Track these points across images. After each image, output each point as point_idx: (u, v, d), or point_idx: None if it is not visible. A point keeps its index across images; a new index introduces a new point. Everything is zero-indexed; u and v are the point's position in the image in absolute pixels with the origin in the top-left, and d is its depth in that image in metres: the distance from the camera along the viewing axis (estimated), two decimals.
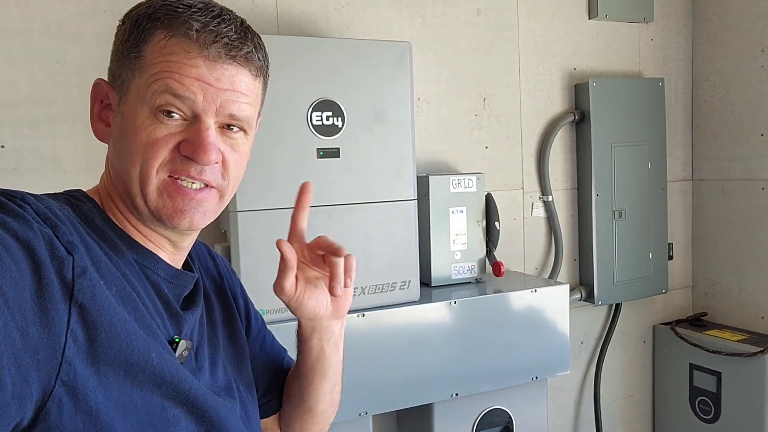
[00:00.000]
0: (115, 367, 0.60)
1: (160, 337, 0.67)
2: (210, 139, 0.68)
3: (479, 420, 1.88)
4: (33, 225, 0.58)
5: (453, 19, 2.07)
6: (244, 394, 0.85)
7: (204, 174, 0.70)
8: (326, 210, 1.60)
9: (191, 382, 0.69)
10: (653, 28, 2.44)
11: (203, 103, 0.67)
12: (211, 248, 0.95)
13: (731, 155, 2.43)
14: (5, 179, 1.54)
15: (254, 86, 0.72)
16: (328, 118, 1.58)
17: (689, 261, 2.60)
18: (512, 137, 2.20)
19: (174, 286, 0.75)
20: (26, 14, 1.55)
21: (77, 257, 0.59)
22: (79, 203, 0.70)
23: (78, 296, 0.58)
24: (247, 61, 0.70)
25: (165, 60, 0.67)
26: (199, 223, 0.72)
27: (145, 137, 0.67)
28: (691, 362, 2.38)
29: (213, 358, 0.80)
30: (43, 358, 0.55)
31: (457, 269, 1.94)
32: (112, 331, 0.60)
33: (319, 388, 0.94)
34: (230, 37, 0.68)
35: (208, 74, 0.67)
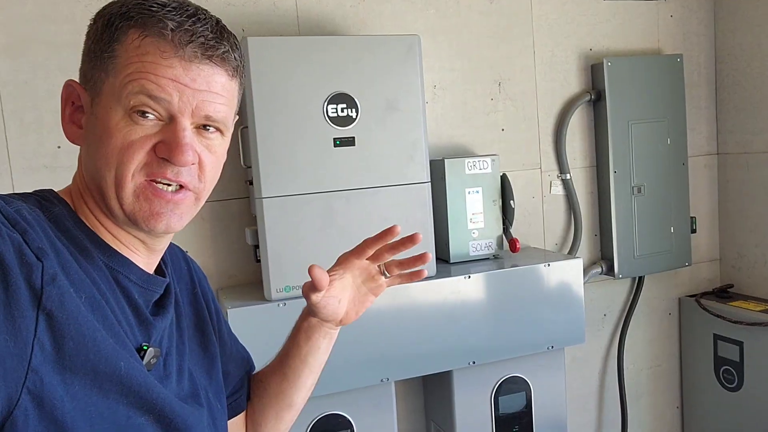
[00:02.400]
0: (82, 375, 0.60)
1: (128, 345, 0.66)
2: (186, 140, 0.67)
3: (497, 386, 2.00)
4: (2, 230, 0.57)
5: (466, 9, 2.17)
6: (213, 401, 0.84)
7: (180, 176, 0.69)
8: (344, 194, 1.75)
9: (159, 390, 0.68)
10: (672, 4, 2.47)
11: (179, 104, 0.66)
12: (186, 252, 0.96)
13: (754, 128, 2.44)
14: (62, 176, 1.75)
15: (230, 86, 0.71)
16: (343, 109, 1.72)
17: (716, 234, 2.63)
18: (528, 119, 2.29)
19: (144, 290, 0.74)
20: (74, 29, 1.75)
21: (47, 264, 0.58)
22: (50, 205, 0.69)
23: (46, 304, 0.57)
24: (223, 61, 0.69)
25: (139, 60, 0.65)
26: (176, 225, 0.71)
27: (120, 139, 0.66)
28: (715, 333, 2.42)
29: (180, 366, 0.79)
30: (10, 367, 0.54)
31: (474, 246, 2.05)
32: (80, 339, 0.59)
33: (304, 383, 0.98)
34: (206, 36, 0.67)
35: (184, 74, 0.66)
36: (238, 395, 0.98)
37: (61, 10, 1.74)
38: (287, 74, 1.66)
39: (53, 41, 1.73)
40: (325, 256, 1.02)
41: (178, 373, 0.78)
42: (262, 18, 1.92)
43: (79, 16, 1.75)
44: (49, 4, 1.73)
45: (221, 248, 1.92)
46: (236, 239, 1.93)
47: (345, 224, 1.75)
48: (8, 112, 1.71)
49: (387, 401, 1.90)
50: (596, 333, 2.46)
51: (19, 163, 1.73)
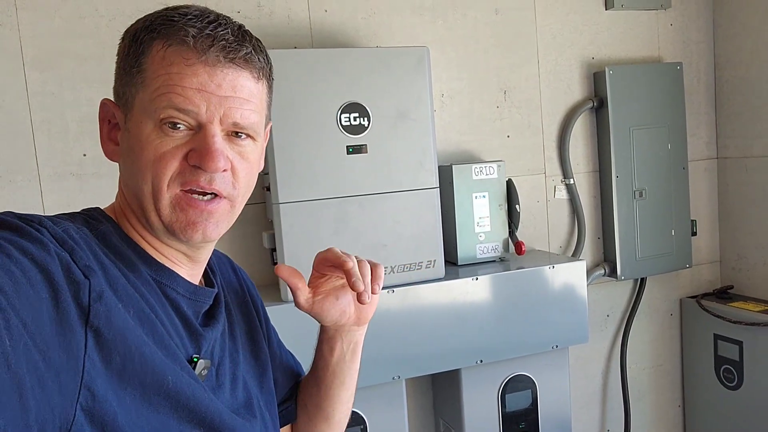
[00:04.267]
0: (132, 390, 0.61)
1: (178, 357, 0.67)
2: (216, 145, 0.67)
3: (504, 384, 2.08)
4: (50, 249, 0.58)
5: (473, 20, 2.24)
6: (264, 410, 0.84)
7: (214, 183, 0.69)
8: (357, 200, 1.82)
9: (209, 403, 0.68)
10: (672, 13, 2.54)
11: (206, 114, 0.67)
12: (233, 261, 0.96)
13: (753, 133, 2.51)
14: (89, 182, 1.84)
15: (257, 91, 0.71)
16: (356, 118, 1.80)
17: (716, 237, 2.70)
18: (533, 126, 2.36)
19: (193, 302, 0.74)
20: (98, 42, 1.84)
21: (93, 282, 0.59)
22: (96, 223, 0.70)
23: (93, 321, 0.58)
24: (246, 63, 0.69)
25: (166, 72, 0.66)
26: (212, 234, 0.71)
27: (152, 151, 0.67)
28: (716, 333, 2.49)
29: (234, 374, 0.79)
30: (65, 382, 0.55)
31: (481, 249, 2.13)
32: (128, 355, 0.60)
33: (338, 395, 0.95)
34: (227, 39, 0.67)
35: (209, 81, 0.66)
36: (288, 404, 0.98)
37: (86, 25, 1.82)
38: (302, 85, 1.74)
39: (79, 54, 1.82)
40: None
41: (232, 383, 0.78)
42: (278, 31, 2.00)
43: (103, 30, 1.84)
44: (75, 19, 1.81)
45: (239, 251, 2.00)
46: (253, 243, 2.01)
47: (358, 228, 1.82)
48: (37, 121, 1.80)
49: (398, 398, 1.98)
50: (599, 333, 2.53)
51: (47, 170, 1.82)
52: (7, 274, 0.52)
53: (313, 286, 0.87)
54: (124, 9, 1.85)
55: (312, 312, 0.86)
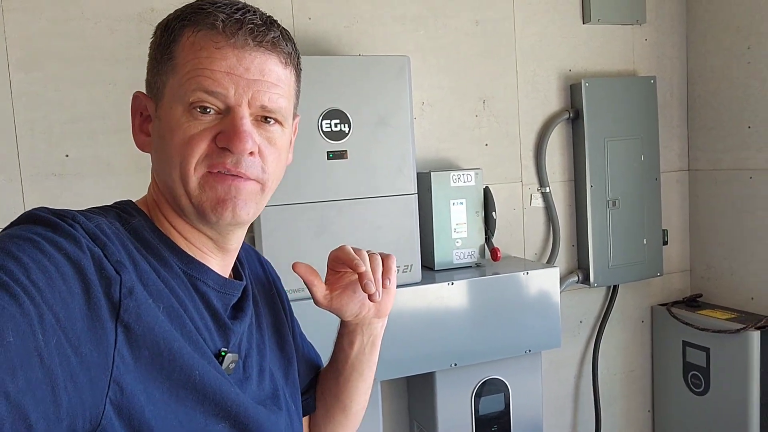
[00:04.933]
0: (160, 383, 0.62)
1: (206, 352, 0.68)
2: (244, 127, 0.68)
3: (478, 388, 2.12)
4: (83, 244, 0.59)
5: (453, 30, 2.30)
6: (290, 402, 0.85)
7: (240, 166, 0.69)
8: (337, 204, 1.86)
9: (234, 397, 0.69)
10: (647, 29, 2.62)
11: (235, 96, 0.68)
12: (260, 254, 0.97)
13: (722, 146, 2.59)
14: (71, 183, 1.86)
15: (285, 76, 0.72)
16: (336, 125, 1.84)
17: (687, 246, 2.78)
18: (511, 135, 2.42)
19: (222, 295, 0.75)
20: (84, 45, 1.86)
21: (125, 277, 0.60)
22: (129, 217, 0.71)
23: (124, 316, 0.59)
24: (274, 47, 0.70)
25: (195, 57, 0.68)
26: (241, 212, 0.70)
27: (181, 135, 0.68)
28: (684, 339, 2.56)
29: (261, 366, 0.80)
30: (95, 377, 0.56)
31: (458, 255, 2.17)
32: (156, 350, 0.61)
33: (356, 387, 0.95)
34: (255, 23, 0.68)
35: (238, 64, 0.67)
36: (308, 395, 0.99)
37: (72, 27, 1.84)
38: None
39: (64, 56, 1.84)
40: (319, 262, 1.05)
41: (259, 375, 0.79)
42: None
43: (89, 33, 1.86)
44: (62, 21, 1.83)
45: None
46: None
47: (338, 232, 1.86)
48: (20, 122, 1.81)
49: (373, 401, 2.00)
50: (572, 339, 2.59)
51: (29, 170, 1.83)
52: (41, 269, 0.54)
53: (329, 283, 0.87)
54: (110, 12, 1.87)
55: (331, 308, 0.87)
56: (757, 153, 2.45)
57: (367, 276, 0.80)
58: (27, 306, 0.51)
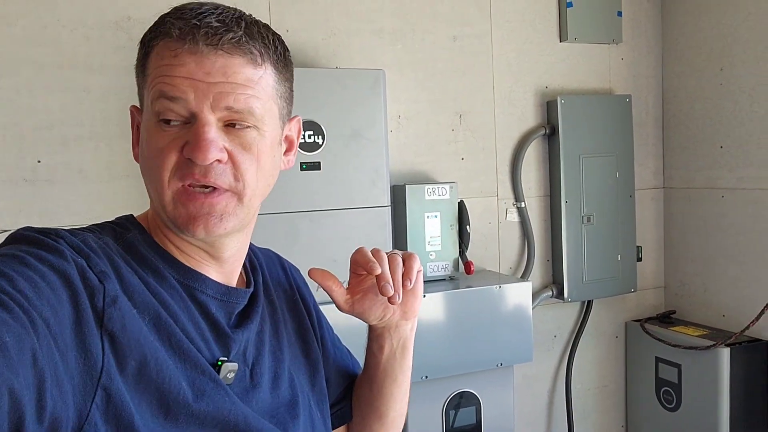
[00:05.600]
0: (147, 396, 0.61)
1: (199, 363, 0.66)
2: (206, 135, 0.65)
3: (449, 400, 2.12)
4: (67, 256, 0.60)
5: (431, 45, 2.32)
6: (314, 409, 0.83)
7: (209, 176, 0.67)
8: (308, 215, 1.87)
9: (231, 407, 0.68)
10: (623, 48, 2.66)
11: (195, 101, 0.66)
12: (284, 259, 0.94)
13: (696, 165, 2.63)
14: (42, 189, 1.85)
15: (257, 77, 0.68)
16: (310, 136, 1.85)
17: (661, 263, 2.81)
18: (487, 149, 2.44)
19: (224, 303, 0.74)
20: (58, 51, 1.86)
21: (108, 286, 0.60)
22: (124, 231, 0.71)
23: (108, 325, 0.59)
24: (236, 48, 0.66)
25: (158, 66, 0.67)
26: (216, 229, 0.69)
27: (153, 147, 0.68)
28: (657, 355, 2.58)
29: (275, 372, 0.79)
30: (79, 384, 0.56)
31: (432, 267, 2.18)
32: (142, 360, 0.61)
33: (390, 393, 0.92)
34: (212, 26, 0.65)
35: (197, 70, 0.65)
36: (342, 404, 0.96)
37: (48, 33, 1.84)
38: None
39: (38, 62, 1.84)
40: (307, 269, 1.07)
41: (273, 382, 0.78)
42: None
43: (65, 40, 1.86)
44: (37, 27, 1.83)
45: None
46: None
47: (309, 243, 1.86)
48: None
49: None
50: (546, 353, 2.60)
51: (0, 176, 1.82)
52: (27, 280, 0.54)
53: (350, 287, 0.85)
54: (86, 20, 1.87)
55: (354, 312, 0.85)
56: (729, 173, 2.48)
57: (384, 278, 0.77)
58: (17, 312, 0.51)
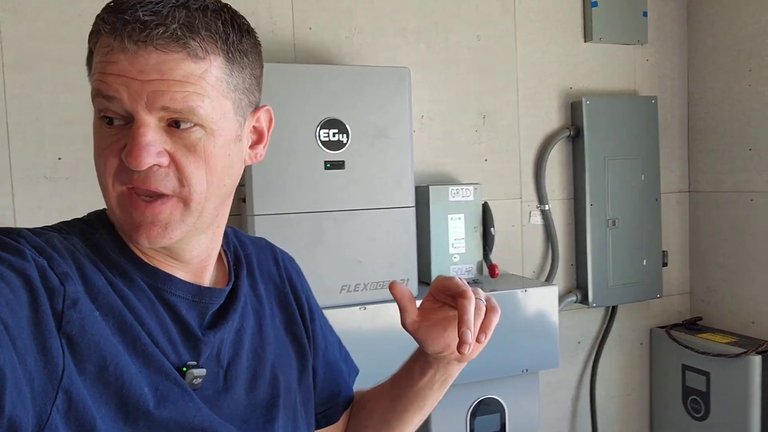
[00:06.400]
0: (108, 400, 0.59)
1: (163, 368, 0.64)
2: (140, 138, 0.61)
3: (473, 407, 2.07)
4: (27, 256, 0.57)
5: (454, 45, 2.29)
6: (299, 407, 0.82)
7: (150, 182, 0.63)
8: (332, 215, 1.83)
9: (195, 413, 0.66)
10: (648, 49, 2.61)
11: (129, 100, 0.61)
12: (278, 250, 0.92)
13: (723, 168, 2.57)
14: (62, 186, 1.82)
15: (200, 71, 0.63)
16: (335, 134, 1.82)
17: (687, 268, 2.74)
18: (510, 151, 2.40)
19: (196, 304, 0.71)
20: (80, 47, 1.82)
21: (69, 288, 0.58)
22: (92, 231, 0.68)
23: (66, 328, 0.57)
24: (172, 43, 0.61)
25: (97, 62, 0.63)
26: (159, 239, 0.65)
27: (96, 148, 0.65)
28: (684, 363, 2.52)
29: (255, 372, 0.76)
30: (38, 386, 0.54)
31: (455, 270, 2.14)
32: (101, 364, 0.59)
33: (412, 418, 0.91)
34: (140, 20, 0.60)
35: (130, 67, 0.61)
36: (328, 406, 0.93)
37: (69, 29, 1.82)
38: (284, 99, 1.75)
39: (60, 58, 1.81)
40: (311, 273, 1.03)
41: (251, 382, 0.75)
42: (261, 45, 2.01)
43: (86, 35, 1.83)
44: (58, 23, 1.81)
45: None
46: None
47: (332, 243, 1.82)
48: (12, 124, 1.78)
49: None
50: (570, 359, 2.54)
51: (20, 172, 1.80)
52: None
53: (422, 310, 0.82)
54: None
55: (416, 336, 0.82)
56: (758, 175, 2.43)
57: (468, 325, 0.74)
58: None
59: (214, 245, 0.74)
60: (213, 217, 0.70)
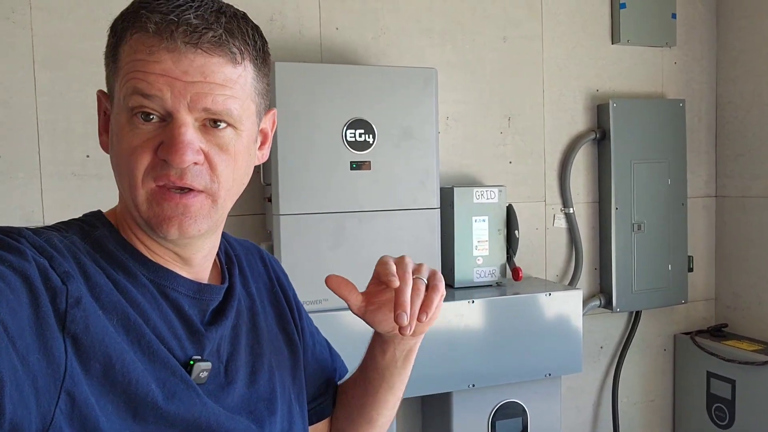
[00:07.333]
0: (114, 398, 0.60)
1: (169, 362, 0.65)
2: (182, 137, 0.63)
3: (495, 411, 2.06)
4: (28, 256, 0.57)
5: (480, 46, 2.27)
6: (294, 403, 0.83)
7: (185, 177, 0.65)
8: (357, 215, 1.82)
9: (201, 408, 0.67)
10: (676, 52, 2.58)
11: (172, 100, 0.63)
12: (264, 251, 0.94)
13: (752, 174, 2.53)
14: (90, 183, 1.84)
15: (236, 75, 0.66)
16: (361, 135, 1.81)
17: (712, 274, 2.71)
18: (535, 153, 2.38)
19: (197, 300, 0.72)
20: None
21: (71, 287, 0.58)
22: (91, 229, 0.69)
23: (70, 327, 0.57)
24: (217, 47, 0.64)
25: (131, 60, 0.64)
26: (189, 230, 0.67)
27: (126, 145, 0.65)
28: (709, 370, 2.48)
29: (253, 367, 0.78)
30: (42, 387, 0.54)
31: (478, 273, 2.12)
32: (107, 362, 0.59)
33: (384, 399, 0.92)
34: (190, 23, 0.62)
35: (174, 68, 0.62)
36: (321, 400, 0.95)
37: (100, 27, 1.82)
38: (310, 98, 1.75)
39: (89, 57, 1.83)
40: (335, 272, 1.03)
41: (250, 377, 0.77)
42: (288, 44, 2.02)
43: None
44: (89, 21, 1.83)
45: None
46: None
47: (356, 243, 1.82)
48: (42, 121, 1.80)
49: None
50: (592, 364, 2.52)
51: (49, 169, 1.81)
52: None
53: (369, 295, 0.81)
54: None
55: (365, 320, 0.82)
56: None
57: (402, 306, 0.73)
58: None
59: (215, 245, 0.77)
60: (226, 214, 0.73)
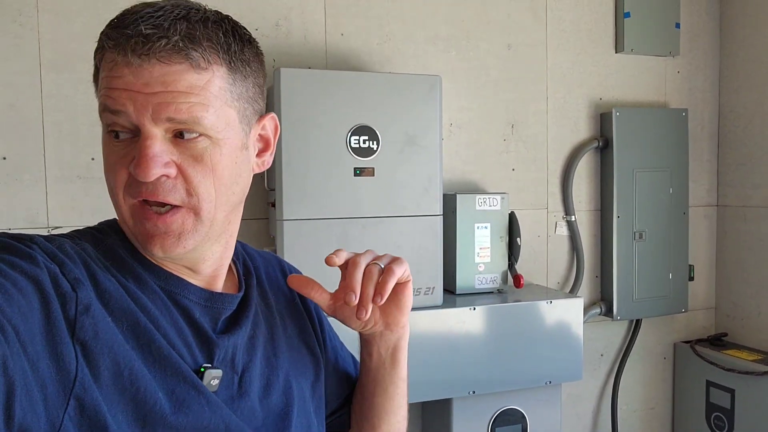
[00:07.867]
0: (123, 406, 0.60)
1: (180, 369, 0.64)
2: (146, 150, 0.62)
3: (495, 417, 2.06)
4: (39, 262, 0.58)
5: (485, 53, 2.28)
6: (313, 417, 0.82)
7: (158, 192, 0.64)
8: (360, 221, 1.83)
9: (210, 416, 0.66)
10: (680, 61, 2.59)
11: (135, 113, 0.62)
12: (285, 262, 0.93)
13: (753, 183, 2.54)
14: (95, 186, 1.84)
15: (202, 81, 0.64)
16: (365, 141, 1.82)
17: (713, 283, 2.71)
18: (538, 161, 2.39)
19: (209, 308, 0.72)
20: None
21: (81, 294, 0.58)
22: (103, 237, 0.69)
23: (80, 334, 0.57)
24: (174, 54, 0.62)
25: (102, 78, 0.64)
26: (173, 249, 0.66)
27: (106, 161, 0.66)
28: (708, 379, 2.49)
29: (269, 380, 0.77)
30: (52, 393, 0.54)
31: (480, 280, 2.13)
32: (117, 370, 0.59)
33: (381, 405, 0.90)
34: (143, 34, 0.61)
35: (135, 81, 0.62)
36: (341, 413, 0.95)
37: None
38: (314, 104, 1.76)
39: None
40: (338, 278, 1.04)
41: (265, 389, 0.76)
42: (293, 50, 2.03)
43: None
44: (96, 24, 1.83)
45: None
46: None
47: (359, 250, 1.81)
48: (48, 123, 1.81)
49: None
50: (593, 372, 2.52)
51: (54, 171, 1.82)
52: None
53: (336, 292, 0.81)
54: None
55: (336, 318, 0.82)
56: None
57: (349, 286, 0.75)
58: None
59: (226, 254, 0.76)
60: (225, 226, 0.71)
